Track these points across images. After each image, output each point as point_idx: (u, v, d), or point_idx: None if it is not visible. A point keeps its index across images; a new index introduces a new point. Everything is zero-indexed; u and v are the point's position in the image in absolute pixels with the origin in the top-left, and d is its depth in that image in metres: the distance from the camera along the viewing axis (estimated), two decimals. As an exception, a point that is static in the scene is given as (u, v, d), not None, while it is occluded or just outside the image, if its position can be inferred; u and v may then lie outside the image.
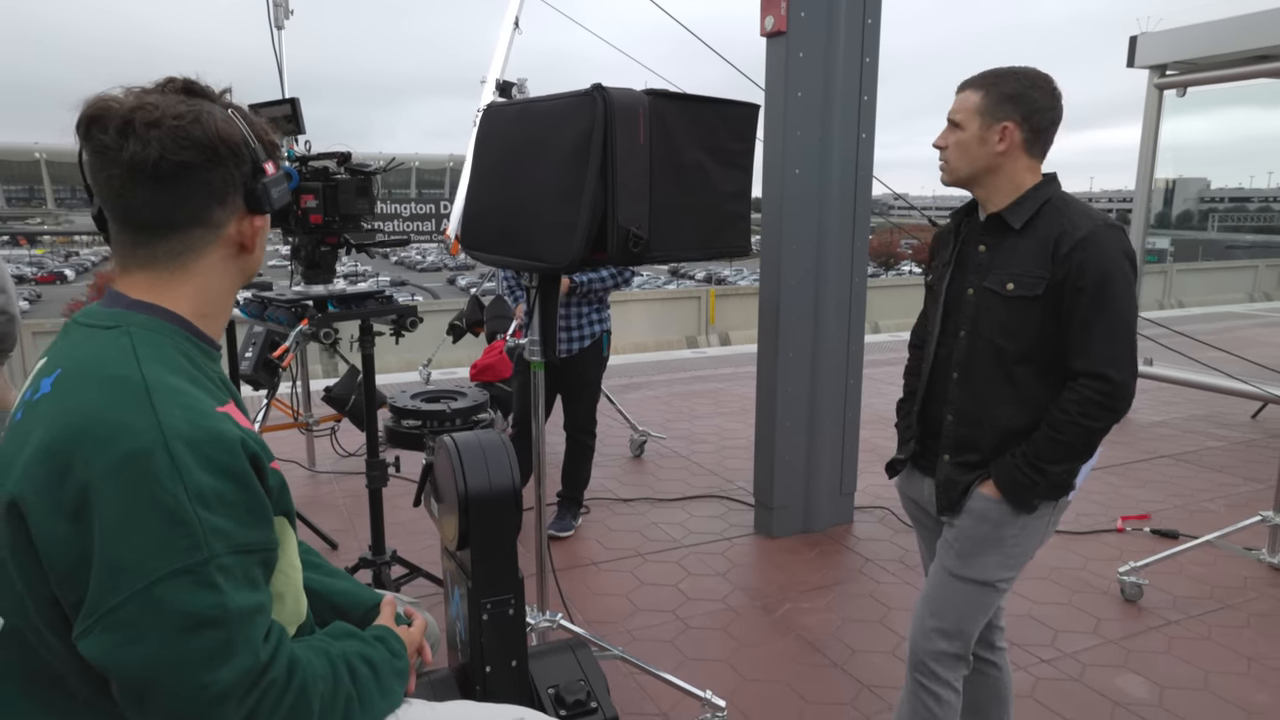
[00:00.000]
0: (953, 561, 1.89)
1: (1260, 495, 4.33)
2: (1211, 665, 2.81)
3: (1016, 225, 1.77)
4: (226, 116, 1.03)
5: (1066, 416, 1.72)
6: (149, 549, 0.89)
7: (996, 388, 1.81)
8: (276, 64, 3.96)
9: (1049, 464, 1.74)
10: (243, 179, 1.05)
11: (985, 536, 1.83)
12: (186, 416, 0.95)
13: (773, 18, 3.43)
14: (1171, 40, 5.61)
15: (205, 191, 1.02)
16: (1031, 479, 1.75)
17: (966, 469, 1.87)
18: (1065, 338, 1.73)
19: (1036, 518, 1.82)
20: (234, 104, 1.07)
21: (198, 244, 1.05)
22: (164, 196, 1.01)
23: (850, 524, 3.95)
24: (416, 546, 3.62)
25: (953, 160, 1.82)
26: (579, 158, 2.01)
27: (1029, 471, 1.75)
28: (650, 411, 5.90)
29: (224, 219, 1.05)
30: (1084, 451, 1.76)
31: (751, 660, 2.83)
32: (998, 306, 1.78)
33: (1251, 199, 19.13)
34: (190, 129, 0.99)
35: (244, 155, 1.04)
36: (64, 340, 1.06)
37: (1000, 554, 1.84)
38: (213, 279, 1.08)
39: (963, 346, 1.85)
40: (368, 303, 2.88)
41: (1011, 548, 1.83)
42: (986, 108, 1.76)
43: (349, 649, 1.15)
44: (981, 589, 1.86)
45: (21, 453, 0.95)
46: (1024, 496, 1.77)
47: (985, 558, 1.84)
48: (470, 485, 1.41)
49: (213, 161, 1.01)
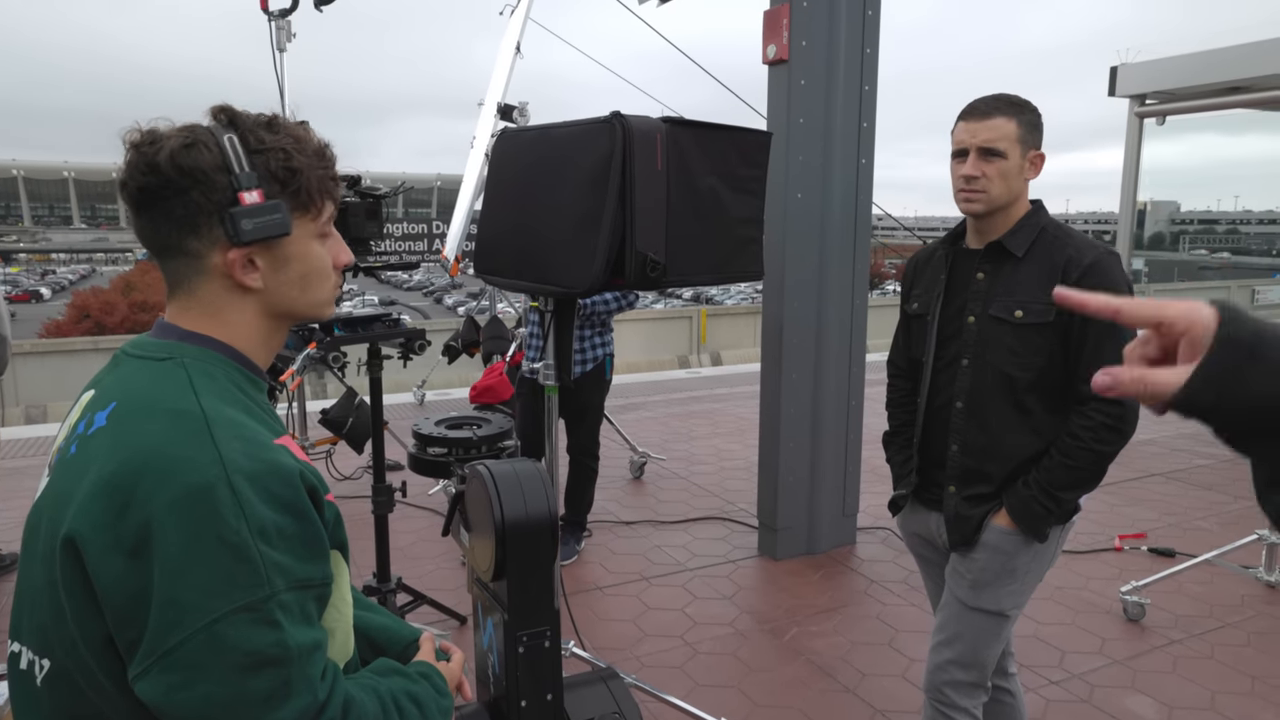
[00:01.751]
0: (966, 593, 1.88)
1: (1250, 512, 4.40)
2: (1216, 685, 2.83)
3: (1019, 253, 1.77)
4: (191, 143, 0.97)
5: (1079, 442, 1.71)
6: (211, 586, 0.87)
7: (1006, 417, 1.79)
8: (279, 87, 3.96)
9: (1063, 491, 1.74)
10: (215, 207, 0.97)
11: (1000, 568, 1.83)
12: (246, 450, 0.94)
13: (775, 46, 3.49)
14: (1150, 72, 5.79)
15: (169, 219, 0.99)
16: (1047, 508, 1.75)
17: (977, 501, 1.85)
18: (1075, 363, 1.73)
19: (1048, 543, 1.82)
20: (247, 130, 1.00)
21: (189, 273, 1.02)
22: (144, 222, 1.00)
23: (853, 545, 3.96)
24: (419, 573, 3.59)
25: (995, 189, 1.76)
26: (598, 183, 2.03)
27: (1044, 500, 1.75)
28: (648, 432, 5.90)
29: (202, 249, 1.00)
30: (1095, 476, 1.76)
31: (762, 686, 2.82)
32: (1006, 334, 1.77)
33: (1219, 221, 19.58)
34: (155, 156, 0.96)
35: (215, 182, 0.97)
36: (114, 371, 1.04)
37: (1015, 583, 1.84)
38: (232, 313, 1.04)
39: (967, 375, 1.83)
40: (375, 325, 2.87)
41: (1024, 575, 1.84)
42: (1023, 136, 1.75)
43: (396, 687, 1.13)
44: (996, 619, 1.86)
45: (78, 488, 0.92)
46: (1040, 526, 1.77)
47: (999, 588, 1.84)
48: (507, 514, 1.40)
49: (174, 188, 0.97)
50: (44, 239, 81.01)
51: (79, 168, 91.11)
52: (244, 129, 1.01)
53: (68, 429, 1.03)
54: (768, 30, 3.52)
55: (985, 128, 1.75)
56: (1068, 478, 1.74)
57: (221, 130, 1.00)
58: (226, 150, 0.98)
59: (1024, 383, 1.77)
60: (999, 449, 1.81)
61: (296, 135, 1.04)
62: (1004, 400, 1.79)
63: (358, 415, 4.12)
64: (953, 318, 1.87)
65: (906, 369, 2.05)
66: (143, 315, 23.66)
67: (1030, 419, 1.78)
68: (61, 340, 13.08)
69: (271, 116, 1.05)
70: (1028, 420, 1.79)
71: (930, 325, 1.90)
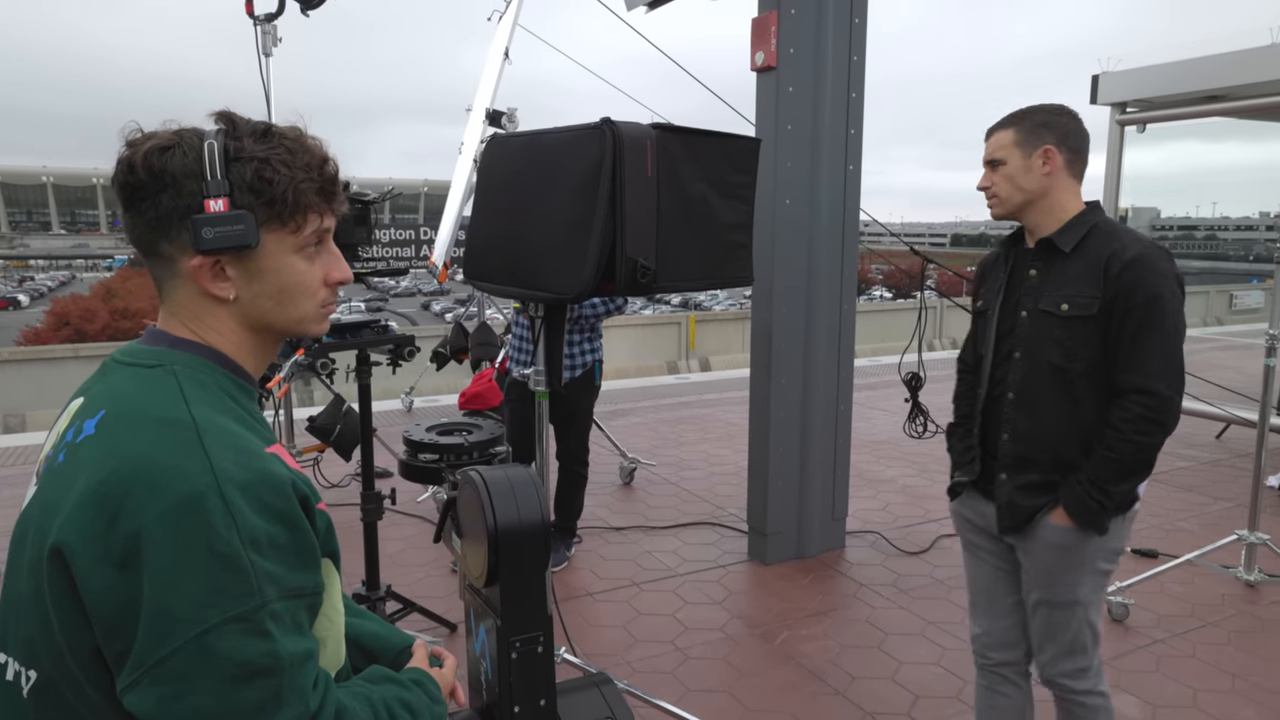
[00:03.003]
0: (1044, 593, 1.95)
1: (1230, 513, 4.46)
2: (1199, 683, 2.87)
3: (1067, 249, 1.85)
4: (168, 146, 0.97)
5: (1119, 434, 1.78)
6: (202, 596, 0.86)
7: (1053, 407, 1.87)
8: (264, 92, 3.95)
9: (1111, 484, 1.81)
10: (183, 213, 0.96)
11: (1069, 563, 1.90)
12: (238, 459, 0.93)
13: (763, 53, 3.51)
14: (1131, 80, 5.88)
15: (143, 219, 0.98)
16: (1100, 502, 1.81)
17: (1029, 491, 1.92)
18: (1114, 355, 1.80)
19: (1112, 535, 1.89)
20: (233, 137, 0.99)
21: (164, 276, 1.02)
22: (126, 219, 1.00)
23: (842, 549, 3.98)
24: (408, 580, 3.57)
25: (1003, 192, 1.90)
26: (588, 189, 2.04)
27: (1096, 495, 1.81)
28: (638, 438, 5.90)
29: (173, 253, 0.99)
30: (1141, 467, 1.82)
31: (753, 690, 2.83)
32: (1055, 327, 1.85)
33: (1198, 227, 19.85)
34: (133, 156, 0.96)
35: (182, 188, 0.96)
36: (104, 379, 1.03)
37: (1087, 573, 1.91)
38: (209, 320, 1.03)
39: (1019, 368, 1.91)
40: (364, 332, 2.86)
41: (1098, 563, 1.91)
42: (1022, 139, 1.87)
43: (388, 694, 1.13)
44: (1078, 608, 1.93)
45: (66, 497, 0.91)
46: (1095, 520, 1.83)
47: (1074, 579, 1.91)
48: (500, 520, 1.40)
49: (146, 189, 0.97)
50: (21, 245, 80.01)
51: (58, 173, 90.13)
52: (231, 136, 1.00)
53: (56, 437, 1.02)
54: (756, 37, 3.55)
55: (989, 144, 1.94)
56: (1112, 470, 1.80)
57: (209, 136, 0.98)
58: (204, 156, 0.97)
59: (1072, 374, 1.84)
60: (1047, 439, 1.88)
61: (290, 146, 1.02)
62: (1054, 391, 1.86)
63: (345, 422, 4.10)
64: (1009, 313, 1.96)
65: (973, 364, 2.13)
66: (124, 322, 23.40)
67: (1079, 410, 1.85)
68: (41, 348, 12.92)
69: (268, 126, 1.03)
70: (1076, 411, 1.85)
71: (990, 321, 2.00)
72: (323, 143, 1.06)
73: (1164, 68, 5.67)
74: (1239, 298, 18.94)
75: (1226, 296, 18.76)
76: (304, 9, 3.97)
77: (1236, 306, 18.67)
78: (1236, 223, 17.93)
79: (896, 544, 4.03)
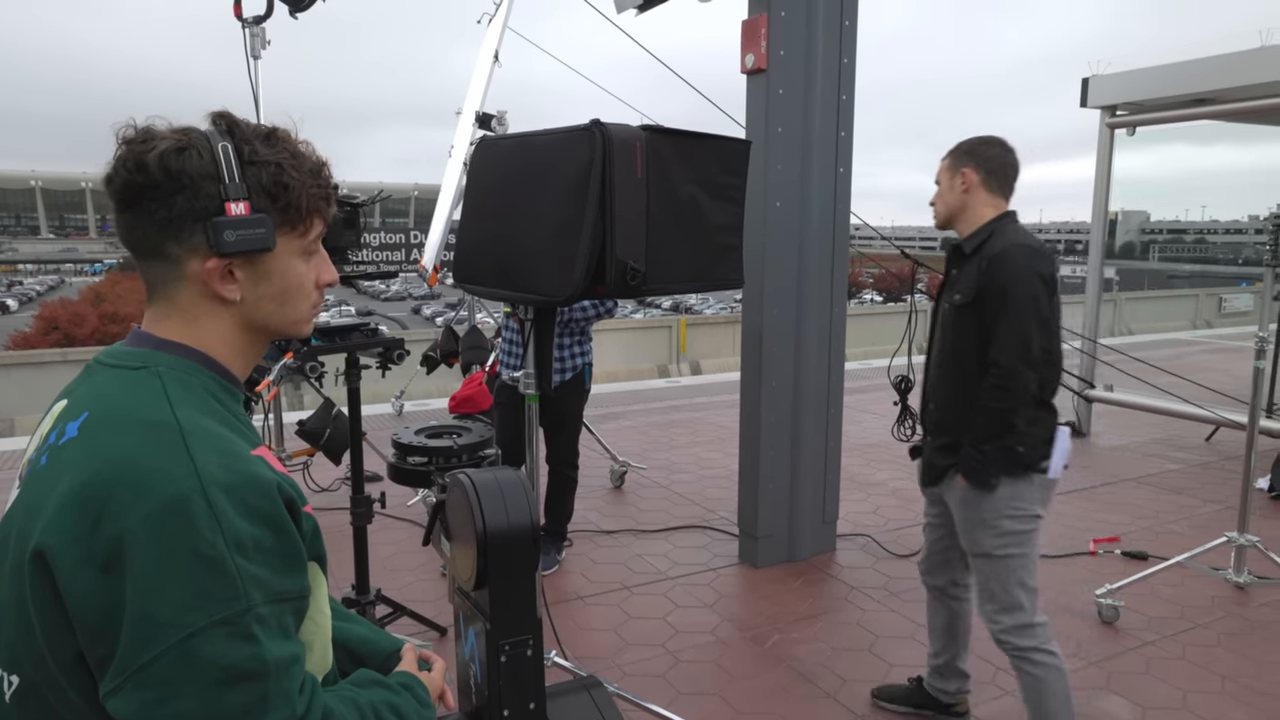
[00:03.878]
0: (965, 544, 2.35)
1: (1220, 515, 4.48)
2: (1188, 685, 2.88)
3: (968, 251, 2.28)
4: (184, 147, 0.96)
5: (981, 401, 2.18)
6: (186, 601, 0.85)
7: (955, 381, 2.28)
8: (253, 95, 3.93)
9: (983, 443, 2.19)
10: (200, 215, 0.96)
11: (971, 517, 2.29)
12: (223, 461, 0.92)
13: (753, 56, 3.52)
14: (1120, 83, 5.91)
15: (151, 221, 0.97)
16: (978, 460, 2.20)
17: (942, 452, 2.35)
18: (987, 336, 2.18)
19: (1009, 495, 2.21)
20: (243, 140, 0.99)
21: (166, 278, 1.01)
22: (125, 219, 0.98)
23: (833, 552, 3.97)
24: (398, 584, 3.56)
25: (937, 206, 2.39)
26: (578, 191, 2.03)
27: (975, 454, 2.20)
28: (628, 441, 5.90)
29: (181, 255, 0.98)
30: (1004, 429, 2.16)
31: (744, 693, 2.82)
32: (953, 316, 2.28)
33: (1188, 231, 20.02)
34: (145, 155, 0.95)
35: (200, 190, 0.95)
36: (87, 381, 1.02)
37: (986, 528, 2.25)
38: (207, 322, 1.02)
39: (939, 350, 2.35)
40: (353, 335, 2.84)
41: (1002, 521, 2.23)
42: (952, 164, 2.34)
43: (376, 698, 1.12)
44: (989, 560, 2.27)
45: (48, 500, 0.90)
46: (978, 476, 2.21)
47: (977, 534, 2.28)
48: (489, 524, 1.39)
49: (159, 190, 0.95)
50: (10, 249, 79.47)
51: (46, 177, 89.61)
52: (240, 138, 1.00)
53: (38, 439, 1.01)
54: (746, 40, 3.55)
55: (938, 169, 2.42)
56: (981, 432, 2.20)
57: (217, 137, 0.98)
58: (219, 158, 0.97)
59: (963, 353, 2.25)
60: (955, 408, 2.29)
61: (294, 150, 1.03)
62: (955, 368, 2.29)
63: (335, 426, 4.08)
64: (939, 307, 2.39)
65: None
66: (113, 327, 23.27)
67: (971, 383, 2.22)
68: (29, 352, 12.83)
69: (272, 129, 1.04)
70: (970, 384, 2.23)
71: (935, 313, 2.42)
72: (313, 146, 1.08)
73: (1153, 71, 5.70)
74: (1228, 301, 19.09)
75: (1216, 300, 18.89)
76: (292, 11, 3.96)
77: (1226, 309, 18.82)
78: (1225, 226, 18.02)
79: (887, 547, 4.03)
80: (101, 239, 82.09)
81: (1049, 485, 2.25)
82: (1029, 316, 2.11)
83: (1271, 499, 4.79)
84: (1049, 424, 2.25)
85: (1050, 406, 2.27)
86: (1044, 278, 2.13)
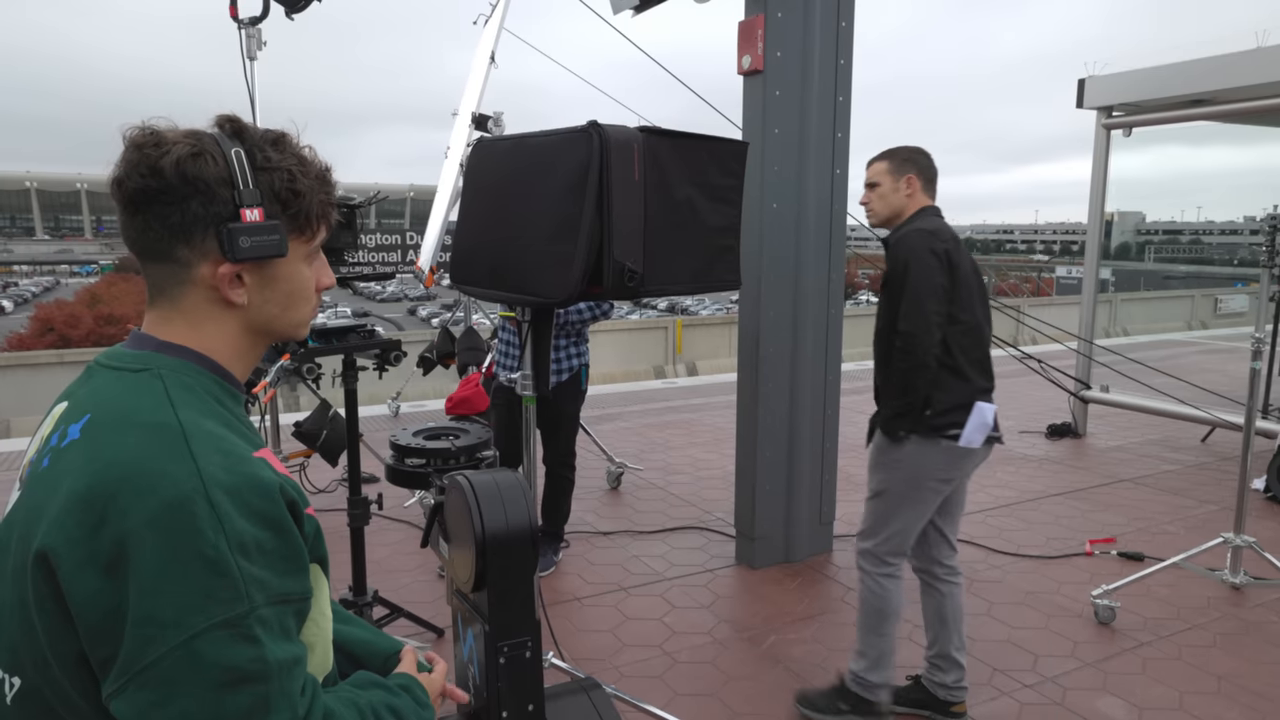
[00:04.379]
0: (869, 485, 2.63)
1: (1215, 516, 4.49)
2: (1184, 686, 2.88)
3: (891, 242, 2.55)
4: (199, 152, 0.97)
5: (892, 364, 2.47)
6: (188, 602, 0.85)
7: (888, 355, 2.52)
8: (249, 96, 3.92)
9: (893, 400, 2.49)
10: (214, 220, 0.97)
11: (877, 462, 2.59)
12: (225, 463, 0.92)
13: (750, 57, 3.52)
14: (1116, 84, 5.91)
15: (164, 224, 0.97)
16: (886, 414, 2.52)
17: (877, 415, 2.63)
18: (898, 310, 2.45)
19: (914, 453, 2.47)
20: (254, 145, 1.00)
21: (173, 281, 1.01)
22: (134, 222, 0.98)
23: (830, 553, 3.98)
24: (394, 585, 3.55)
25: (877, 207, 2.60)
26: (575, 193, 2.03)
27: (884, 409, 2.54)
28: (625, 443, 5.89)
29: (192, 259, 0.98)
30: (908, 388, 2.42)
31: (741, 694, 2.82)
32: (881, 297, 2.58)
33: (1183, 231, 20.07)
34: (160, 160, 0.95)
35: (215, 195, 0.96)
36: (88, 383, 1.02)
37: (883, 471, 2.56)
38: (211, 323, 1.03)
39: (876, 329, 2.61)
40: (350, 337, 2.84)
41: (894, 469, 2.53)
42: (895, 170, 2.57)
43: (376, 699, 1.12)
44: (877, 498, 2.58)
45: (51, 502, 0.90)
46: (888, 427, 2.51)
47: (878, 474, 2.58)
48: (488, 526, 1.39)
49: (175, 194, 0.96)
50: (5, 250, 79.24)
51: (42, 178, 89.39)
52: (251, 144, 1.00)
53: (39, 441, 1.01)
54: (743, 41, 3.56)
55: (869, 171, 2.61)
56: (890, 391, 2.51)
57: (228, 142, 0.99)
58: (233, 164, 0.98)
59: (883, 330, 2.54)
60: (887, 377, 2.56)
61: (301, 157, 1.04)
62: (883, 343, 2.55)
63: (332, 427, 4.07)
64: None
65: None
66: (109, 328, 23.19)
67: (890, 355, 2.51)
68: (25, 354, 12.79)
69: (280, 134, 1.05)
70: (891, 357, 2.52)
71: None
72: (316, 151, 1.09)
73: (1149, 71, 5.70)
74: (1224, 301, 19.14)
75: (1211, 300, 18.93)
76: (288, 12, 3.95)
77: (1221, 310, 18.87)
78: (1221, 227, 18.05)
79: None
80: (97, 240, 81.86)
81: (961, 455, 2.45)
82: (924, 287, 2.37)
83: (1267, 500, 4.80)
84: (960, 392, 2.42)
85: (964, 375, 2.43)
86: (938, 254, 2.39)
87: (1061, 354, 6.35)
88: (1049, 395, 7.16)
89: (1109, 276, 18.25)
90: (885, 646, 2.59)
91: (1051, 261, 62.11)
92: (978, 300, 2.47)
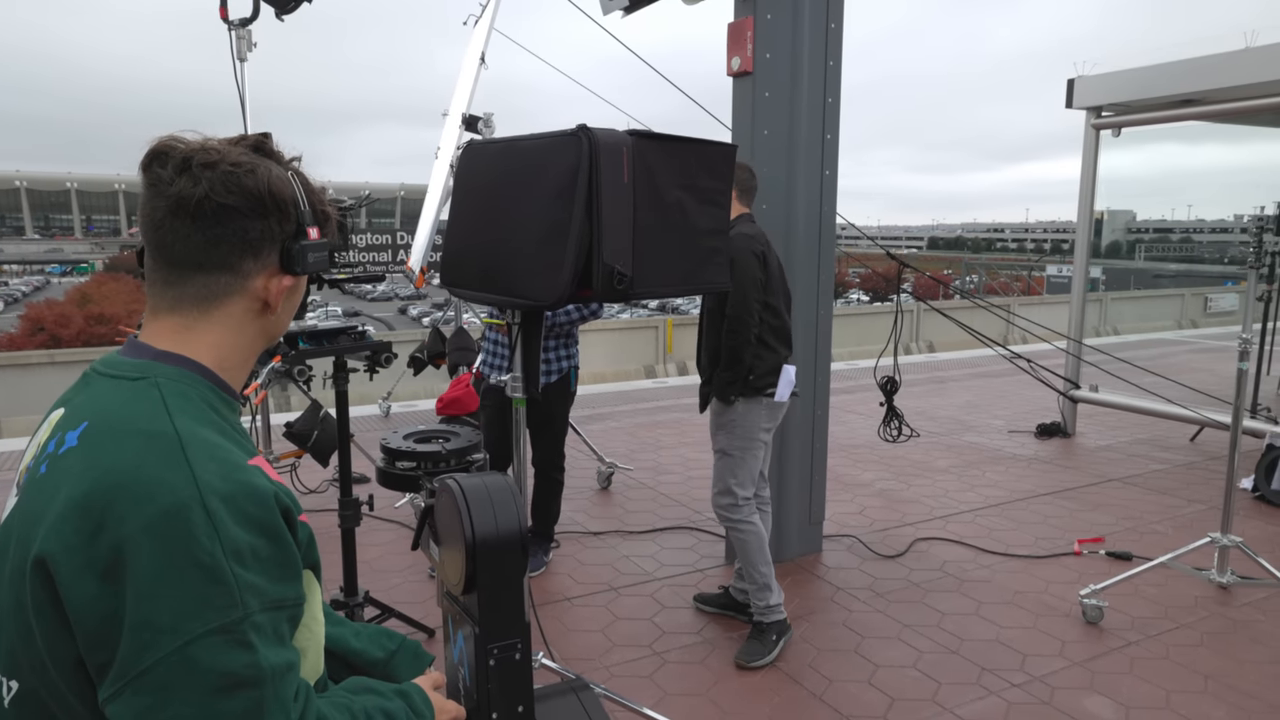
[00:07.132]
0: (713, 445, 3.13)
1: (1203, 516, 4.53)
2: (1171, 685, 2.91)
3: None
4: (283, 175, 1.06)
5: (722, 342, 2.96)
6: (184, 608, 0.87)
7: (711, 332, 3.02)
8: (239, 97, 3.91)
9: (723, 372, 2.98)
10: (282, 236, 1.06)
11: (716, 424, 3.09)
12: (221, 471, 0.94)
13: (739, 58, 3.53)
14: (1106, 84, 5.94)
15: (241, 239, 1.02)
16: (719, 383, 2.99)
17: (705, 385, 3.11)
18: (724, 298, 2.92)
19: (743, 411, 3.02)
20: (295, 168, 1.09)
21: (222, 291, 1.04)
22: (198, 235, 1.00)
23: (819, 553, 3.99)
24: (385, 585, 3.55)
25: None
26: (564, 196, 2.04)
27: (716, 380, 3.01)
28: (615, 443, 5.90)
29: (254, 270, 1.04)
30: (732, 360, 2.94)
31: (730, 694, 2.83)
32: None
33: (1174, 230, 20.17)
34: (244, 178, 1.01)
35: (290, 214, 1.06)
36: (85, 390, 1.03)
37: (725, 433, 3.06)
38: (233, 332, 1.07)
39: (703, 315, 3.08)
40: (340, 339, 2.84)
41: (731, 428, 3.05)
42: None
43: (369, 704, 1.13)
44: (724, 457, 3.08)
45: (49, 508, 0.91)
46: (723, 393, 3.00)
47: (719, 436, 3.09)
48: (478, 530, 1.39)
49: (257, 212, 1.02)
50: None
51: (32, 177, 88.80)
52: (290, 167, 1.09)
53: (36, 447, 1.03)
54: (732, 42, 3.56)
55: None
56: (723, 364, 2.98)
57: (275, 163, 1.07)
58: (296, 186, 1.07)
59: (715, 313, 2.99)
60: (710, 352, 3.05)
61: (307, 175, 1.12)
62: (711, 325, 3.02)
63: (323, 428, 4.07)
64: None
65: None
66: (99, 328, 23.07)
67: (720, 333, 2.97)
68: (15, 354, 12.69)
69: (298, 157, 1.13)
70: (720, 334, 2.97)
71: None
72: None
73: (1139, 71, 5.72)
74: (1213, 300, 19.23)
75: (1201, 299, 19.02)
76: (278, 13, 3.94)
77: (1211, 309, 18.96)
78: (1211, 225, 18.18)
79: (873, 548, 4.06)
80: (87, 239, 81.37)
81: (776, 408, 3.08)
82: (747, 280, 2.89)
83: (1255, 499, 4.84)
84: (772, 361, 3.00)
85: (773, 348, 3.01)
86: (756, 254, 2.93)
87: (1051, 353, 6.38)
88: (1038, 395, 7.20)
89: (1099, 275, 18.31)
90: (769, 569, 3.08)
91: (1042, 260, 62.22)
92: (780, 289, 3.06)
